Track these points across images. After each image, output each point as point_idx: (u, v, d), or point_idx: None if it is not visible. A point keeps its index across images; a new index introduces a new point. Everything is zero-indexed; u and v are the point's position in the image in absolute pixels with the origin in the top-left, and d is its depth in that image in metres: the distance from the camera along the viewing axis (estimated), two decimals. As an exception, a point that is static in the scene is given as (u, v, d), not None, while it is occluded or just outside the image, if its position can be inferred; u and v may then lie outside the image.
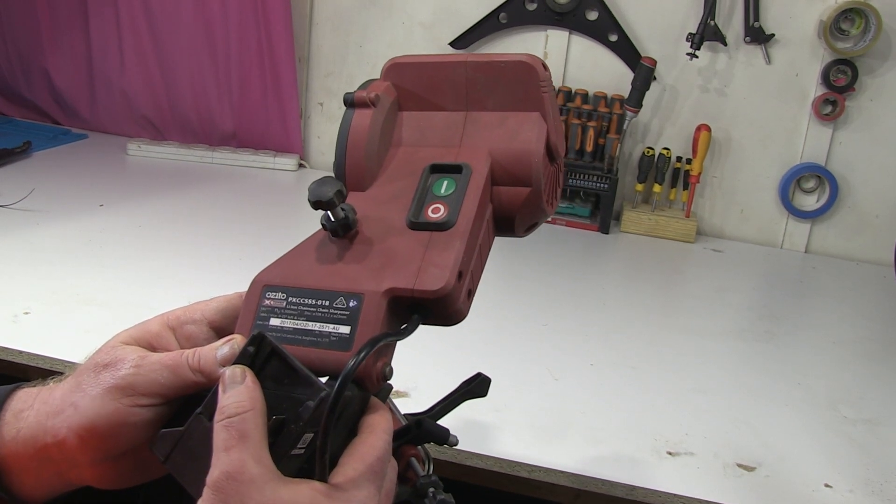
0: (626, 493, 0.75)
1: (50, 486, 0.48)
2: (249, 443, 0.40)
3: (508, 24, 1.61)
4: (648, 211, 1.58)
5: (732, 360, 1.07)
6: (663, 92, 1.59)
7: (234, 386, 0.43)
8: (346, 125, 0.55)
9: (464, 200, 0.51)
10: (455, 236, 0.49)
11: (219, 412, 0.42)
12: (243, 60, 1.71)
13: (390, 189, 0.54)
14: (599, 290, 1.27)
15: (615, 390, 0.94)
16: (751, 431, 0.88)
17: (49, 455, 0.46)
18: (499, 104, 0.55)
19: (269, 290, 0.50)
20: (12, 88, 1.88)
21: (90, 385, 0.46)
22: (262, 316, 0.49)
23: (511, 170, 0.53)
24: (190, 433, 0.45)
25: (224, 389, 0.43)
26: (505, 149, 0.54)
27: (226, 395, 0.42)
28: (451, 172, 0.53)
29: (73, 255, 1.16)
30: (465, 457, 0.77)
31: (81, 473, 0.47)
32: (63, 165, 1.60)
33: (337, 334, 0.47)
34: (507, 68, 0.55)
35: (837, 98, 1.51)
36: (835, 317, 1.27)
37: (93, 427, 0.45)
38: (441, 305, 0.47)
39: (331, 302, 0.48)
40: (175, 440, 0.45)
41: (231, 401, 0.42)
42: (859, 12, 1.46)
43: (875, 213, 1.58)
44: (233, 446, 0.40)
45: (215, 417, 0.42)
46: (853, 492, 0.78)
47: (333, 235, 0.52)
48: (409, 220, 0.51)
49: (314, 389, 0.43)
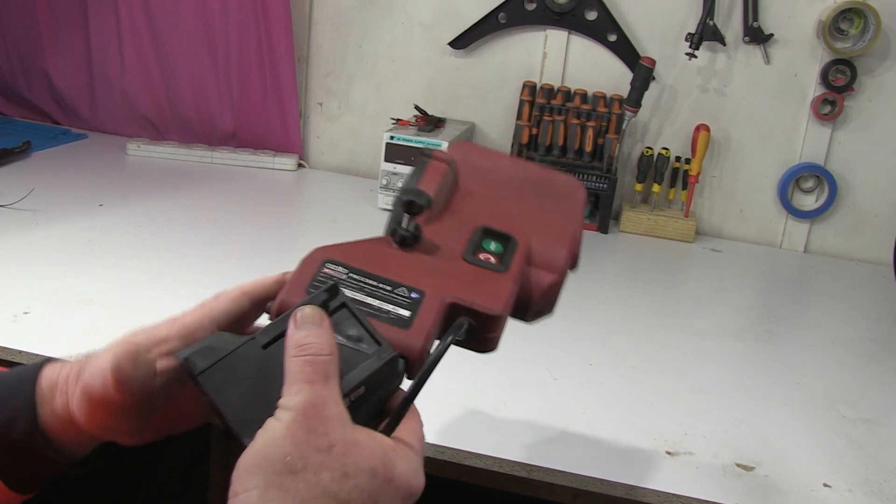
0: (625, 492, 0.75)
1: (88, 445, 0.53)
2: (331, 384, 0.42)
3: (508, 23, 1.61)
4: (647, 211, 1.59)
5: (731, 360, 1.07)
6: (662, 92, 1.60)
7: (312, 326, 0.44)
8: (422, 167, 0.60)
9: (513, 259, 0.56)
10: (508, 278, 0.55)
11: (298, 347, 0.43)
12: (243, 60, 1.71)
13: (445, 232, 0.58)
14: (598, 289, 1.27)
15: (614, 390, 0.94)
16: (750, 431, 0.88)
17: (77, 429, 0.50)
18: (543, 205, 0.63)
19: (329, 262, 0.51)
20: (12, 88, 1.88)
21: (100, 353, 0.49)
22: (320, 281, 0.50)
23: (545, 254, 0.59)
24: (240, 354, 0.45)
25: (297, 326, 0.44)
26: (544, 235, 0.59)
27: (305, 334, 0.43)
28: (500, 239, 0.58)
29: (73, 255, 1.16)
30: (465, 457, 0.78)
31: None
32: (63, 165, 1.60)
33: (396, 314, 0.49)
34: (561, 181, 0.65)
35: (836, 98, 1.51)
36: (834, 316, 1.27)
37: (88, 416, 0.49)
38: (490, 327, 0.52)
39: (392, 288, 0.51)
40: (217, 357, 0.45)
41: (313, 340, 0.43)
42: (858, 12, 1.46)
43: (874, 213, 1.58)
44: (317, 382, 0.42)
45: (293, 351, 0.43)
46: (852, 491, 0.79)
47: (401, 243, 0.55)
48: (465, 256, 0.56)
49: (382, 348, 0.46)
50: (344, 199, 1.60)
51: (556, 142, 1.54)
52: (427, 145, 1.49)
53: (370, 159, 1.75)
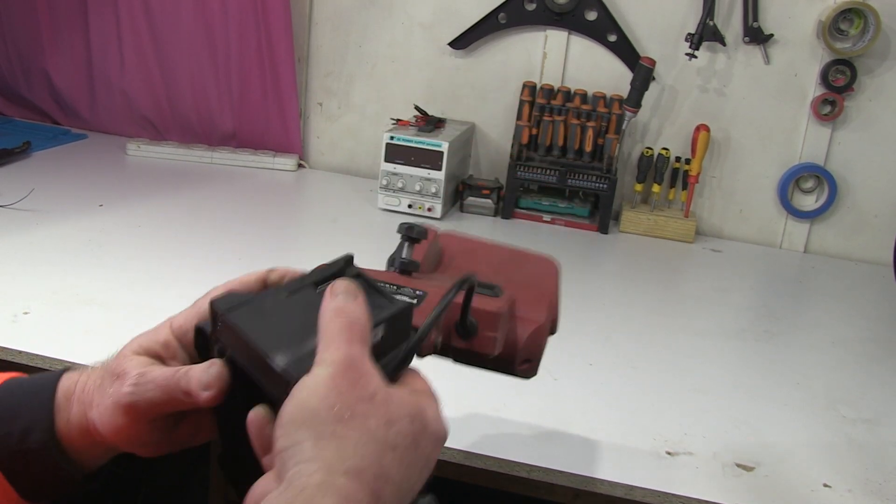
0: (625, 492, 0.75)
1: (102, 456, 0.53)
2: (367, 348, 0.45)
3: (508, 24, 1.61)
4: (647, 211, 1.59)
5: (732, 360, 1.07)
6: (662, 92, 1.60)
7: (349, 297, 0.46)
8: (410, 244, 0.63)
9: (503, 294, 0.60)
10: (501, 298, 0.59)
11: (336, 311, 0.45)
12: (243, 60, 1.71)
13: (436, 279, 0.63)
14: (599, 289, 1.27)
15: (614, 390, 0.94)
16: (750, 431, 0.88)
17: (94, 439, 0.51)
18: (521, 279, 0.66)
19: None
20: (12, 88, 1.88)
21: (105, 395, 0.50)
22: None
23: (527, 310, 0.62)
24: (265, 299, 0.47)
25: (333, 296, 0.46)
26: (524, 297, 0.62)
27: (344, 303, 0.45)
28: (487, 287, 0.61)
29: (73, 255, 1.16)
30: (465, 457, 0.78)
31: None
32: (63, 165, 1.60)
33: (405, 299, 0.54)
34: (535, 259, 0.70)
35: (836, 98, 1.51)
36: (834, 316, 1.27)
37: (115, 429, 0.49)
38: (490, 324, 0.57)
39: (399, 287, 0.57)
40: (243, 300, 0.47)
41: (352, 309, 0.45)
42: (858, 12, 1.46)
43: (874, 213, 1.58)
44: (355, 342, 0.44)
45: (330, 314, 0.45)
46: (852, 491, 0.79)
47: (401, 269, 0.60)
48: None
49: (397, 301, 0.49)
50: (344, 200, 1.60)
51: (556, 142, 1.54)
52: (427, 145, 1.49)
53: (370, 159, 1.75)
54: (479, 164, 1.72)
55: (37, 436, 0.50)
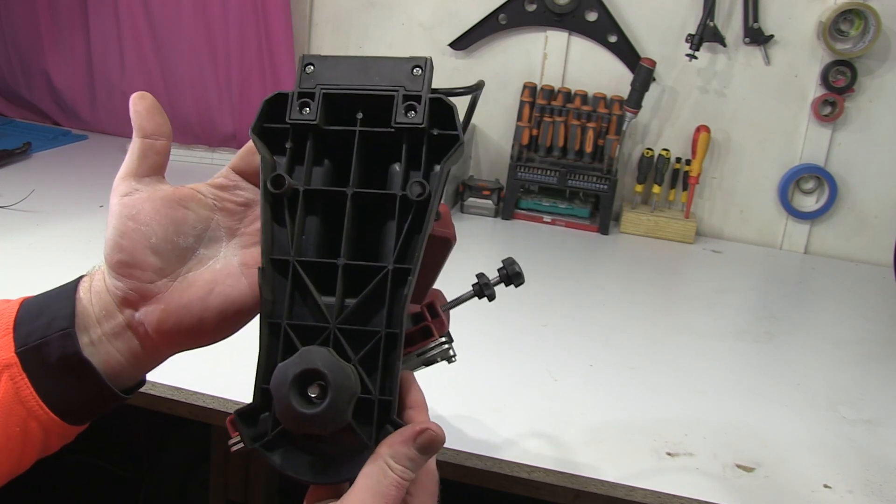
0: (625, 493, 0.75)
1: (135, 358, 0.50)
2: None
3: (508, 25, 1.62)
4: (648, 212, 1.59)
5: (732, 361, 1.07)
6: (662, 93, 1.60)
7: (411, 470, 0.44)
8: None
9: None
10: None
11: (404, 461, 0.44)
12: (243, 61, 1.71)
13: None
14: (599, 290, 1.27)
15: (615, 391, 0.94)
16: (750, 432, 0.88)
17: (120, 321, 0.49)
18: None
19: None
20: (12, 89, 1.88)
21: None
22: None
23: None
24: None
25: (413, 444, 0.44)
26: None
27: (404, 476, 0.44)
28: None
29: (73, 255, 1.16)
30: (465, 458, 0.78)
31: (146, 319, 0.49)
32: (63, 166, 1.60)
33: None
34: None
35: (837, 99, 1.51)
36: (834, 317, 1.27)
37: (112, 227, 0.50)
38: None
39: None
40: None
41: (415, 470, 0.44)
42: (858, 13, 1.46)
43: (874, 214, 1.58)
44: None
45: (397, 461, 0.43)
46: (852, 492, 0.78)
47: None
48: None
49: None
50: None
51: (557, 143, 1.54)
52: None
53: (370, 160, 1.75)
54: (479, 164, 1.72)
55: (58, 323, 0.48)
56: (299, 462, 0.45)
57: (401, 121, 0.47)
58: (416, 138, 0.47)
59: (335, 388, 0.41)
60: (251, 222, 0.52)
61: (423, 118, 0.46)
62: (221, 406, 0.82)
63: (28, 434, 0.47)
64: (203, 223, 0.51)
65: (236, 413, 0.46)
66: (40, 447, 0.49)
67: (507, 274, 0.57)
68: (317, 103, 0.47)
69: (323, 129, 0.48)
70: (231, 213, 0.52)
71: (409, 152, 0.47)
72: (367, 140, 0.48)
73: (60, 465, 1.49)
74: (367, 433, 0.44)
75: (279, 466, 0.45)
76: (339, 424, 0.41)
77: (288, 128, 0.48)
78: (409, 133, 0.47)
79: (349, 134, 0.48)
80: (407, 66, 0.48)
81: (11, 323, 0.48)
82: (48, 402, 0.47)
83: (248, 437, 0.45)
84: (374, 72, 0.48)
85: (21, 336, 0.48)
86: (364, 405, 0.44)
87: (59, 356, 0.47)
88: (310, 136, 0.48)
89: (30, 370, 0.47)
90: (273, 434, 0.45)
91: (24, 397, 0.47)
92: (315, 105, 0.47)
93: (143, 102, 0.52)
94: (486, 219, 1.58)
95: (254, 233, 0.52)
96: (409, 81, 0.47)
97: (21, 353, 0.47)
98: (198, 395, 0.83)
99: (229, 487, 1.09)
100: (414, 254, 0.46)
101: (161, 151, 0.52)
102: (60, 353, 0.47)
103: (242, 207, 0.52)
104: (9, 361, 0.47)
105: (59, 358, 0.47)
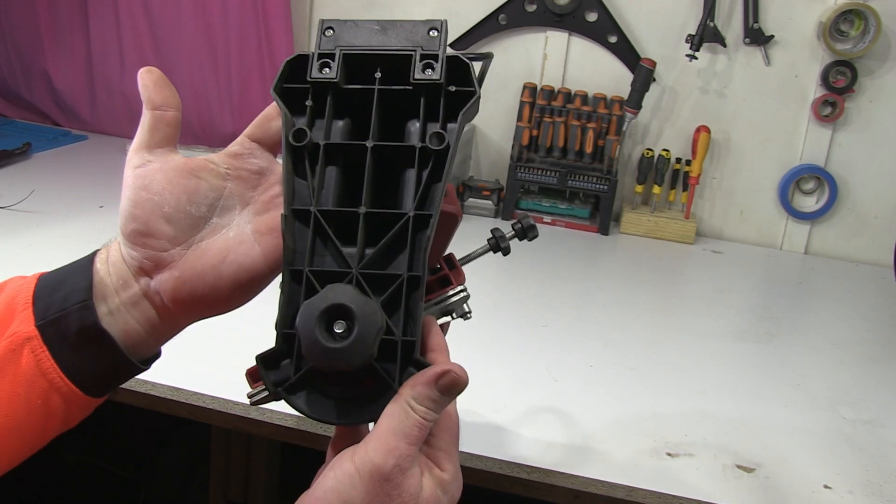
0: (625, 494, 0.75)
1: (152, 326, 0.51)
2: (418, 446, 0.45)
3: (508, 25, 1.62)
4: (648, 212, 1.59)
5: (732, 362, 1.07)
6: (663, 93, 1.60)
7: (434, 411, 0.45)
8: None
9: None
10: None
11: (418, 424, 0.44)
12: (243, 62, 1.71)
13: None
14: (599, 291, 1.27)
15: (615, 391, 0.94)
16: (750, 433, 0.88)
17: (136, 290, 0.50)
18: None
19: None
20: (12, 90, 1.88)
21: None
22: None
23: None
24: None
25: (435, 387, 0.44)
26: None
27: (427, 416, 0.45)
28: None
29: (73, 255, 1.15)
30: (465, 458, 0.78)
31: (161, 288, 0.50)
32: (63, 167, 1.60)
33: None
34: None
35: (837, 99, 1.51)
36: (834, 318, 1.27)
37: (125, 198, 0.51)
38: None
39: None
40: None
41: (439, 410, 0.45)
42: (859, 14, 1.46)
43: (874, 215, 1.58)
44: (413, 445, 0.44)
45: (419, 401, 0.44)
46: (853, 493, 0.78)
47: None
48: None
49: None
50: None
51: (557, 143, 1.54)
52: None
53: (370, 160, 1.75)
54: (479, 165, 1.72)
55: (76, 296, 0.49)
56: (322, 405, 0.45)
57: (419, 77, 0.49)
58: (433, 94, 0.49)
59: (362, 322, 0.41)
60: (265, 190, 0.53)
61: (441, 75, 0.49)
62: (221, 406, 0.82)
63: (50, 407, 0.48)
64: (215, 192, 0.52)
65: (258, 358, 0.46)
66: (62, 420, 0.49)
67: (523, 227, 0.59)
68: (337, 63, 0.49)
69: (343, 87, 0.49)
70: (245, 180, 0.53)
71: (427, 108, 0.49)
72: (385, 98, 0.49)
73: (60, 465, 1.49)
74: (391, 374, 0.45)
75: (303, 410, 0.45)
76: (366, 359, 0.42)
77: (307, 88, 0.50)
78: (426, 89, 0.49)
79: (368, 92, 0.49)
80: (423, 28, 0.51)
81: (30, 297, 0.49)
82: (69, 374, 0.48)
83: (270, 381, 0.46)
84: (391, 34, 0.50)
85: (40, 310, 0.48)
86: (387, 346, 0.45)
87: (78, 328, 0.48)
88: (329, 94, 0.49)
89: (50, 343, 0.48)
90: (296, 378, 0.45)
91: (46, 370, 0.47)
92: (335, 65, 0.49)
93: (150, 76, 0.54)
94: (486, 219, 1.58)
95: (268, 200, 0.53)
96: (425, 42, 0.50)
97: (41, 326, 0.48)
98: (198, 396, 0.83)
99: (229, 487, 1.09)
100: (434, 201, 0.47)
101: (171, 122, 0.53)
102: (79, 325, 0.48)
103: (256, 175, 0.53)
104: (29, 335, 0.47)
105: (79, 330, 0.48)
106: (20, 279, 0.52)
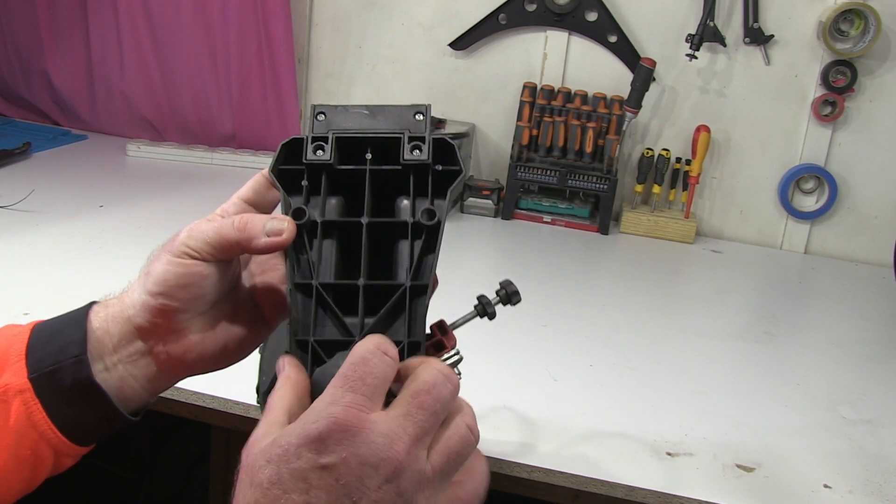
0: (625, 493, 0.75)
1: (142, 382, 0.53)
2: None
3: (508, 25, 1.62)
4: (648, 212, 1.59)
5: (732, 361, 1.07)
6: (662, 93, 1.60)
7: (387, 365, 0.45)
8: None
9: None
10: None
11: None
12: (243, 61, 1.71)
13: None
14: (599, 290, 1.27)
15: (615, 390, 0.94)
16: (750, 432, 0.88)
17: (139, 348, 0.51)
18: None
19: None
20: (12, 90, 1.88)
21: (157, 260, 0.53)
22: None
23: None
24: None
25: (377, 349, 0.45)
26: None
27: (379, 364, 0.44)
28: None
29: (73, 255, 1.16)
30: (465, 457, 0.77)
31: (168, 348, 0.52)
32: (63, 166, 1.60)
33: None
34: None
35: (837, 99, 1.51)
36: (834, 317, 1.27)
37: (163, 281, 0.51)
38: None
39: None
40: None
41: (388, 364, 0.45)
42: (858, 13, 1.46)
43: (874, 214, 1.58)
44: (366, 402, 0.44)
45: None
46: (852, 492, 0.78)
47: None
48: None
49: None
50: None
51: (557, 143, 1.54)
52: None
53: (370, 160, 1.75)
54: (479, 164, 1.72)
55: (71, 349, 0.50)
56: None
57: (408, 158, 0.53)
58: (421, 173, 0.53)
59: None
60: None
61: (429, 155, 0.53)
62: (221, 406, 0.82)
63: (39, 456, 0.49)
64: (235, 281, 0.56)
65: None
66: (51, 468, 0.50)
67: (507, 293, 0.62)
68: (330, 146, 0.53)
69: (336, 168, 0.53)
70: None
71: (416, 185, 0.53)
72: (375, 177, 0.53)
73: (60, 465, 1.49)
74: None
75: None
76: None
77: (302, 169, 0.53)
78: (415, 169, 0.53)
79: (360, 172, 0.53)
80: (409, 112, 0.54)
81: (24, 349, 0.50)
82: (60, 426, 0.49)
83: None
84: (380, 118, 0.54)
85: (33, 362, 0.49)
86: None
87: (72, 382, 0.49)
88: (324, 174, 0.53)
89: (42, 395, 0.49)
90: None
91: (37, 422, 0.49)
92: (329, 147, 0.53)
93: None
94: (486, 219, 1.58)
95: (263, 261, 0.58)
96: (412, 125, 0.54)
97: (34, 378, 0.49)
98: (198, 395, 0.83)
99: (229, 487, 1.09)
100: (427, 271, 0.51)
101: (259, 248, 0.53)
102: (73, 379, 0.49)
103: None
104: (21, 387, 0.49)
105: (73, 383, 0.49)
106: (14, 328, 0.53)
